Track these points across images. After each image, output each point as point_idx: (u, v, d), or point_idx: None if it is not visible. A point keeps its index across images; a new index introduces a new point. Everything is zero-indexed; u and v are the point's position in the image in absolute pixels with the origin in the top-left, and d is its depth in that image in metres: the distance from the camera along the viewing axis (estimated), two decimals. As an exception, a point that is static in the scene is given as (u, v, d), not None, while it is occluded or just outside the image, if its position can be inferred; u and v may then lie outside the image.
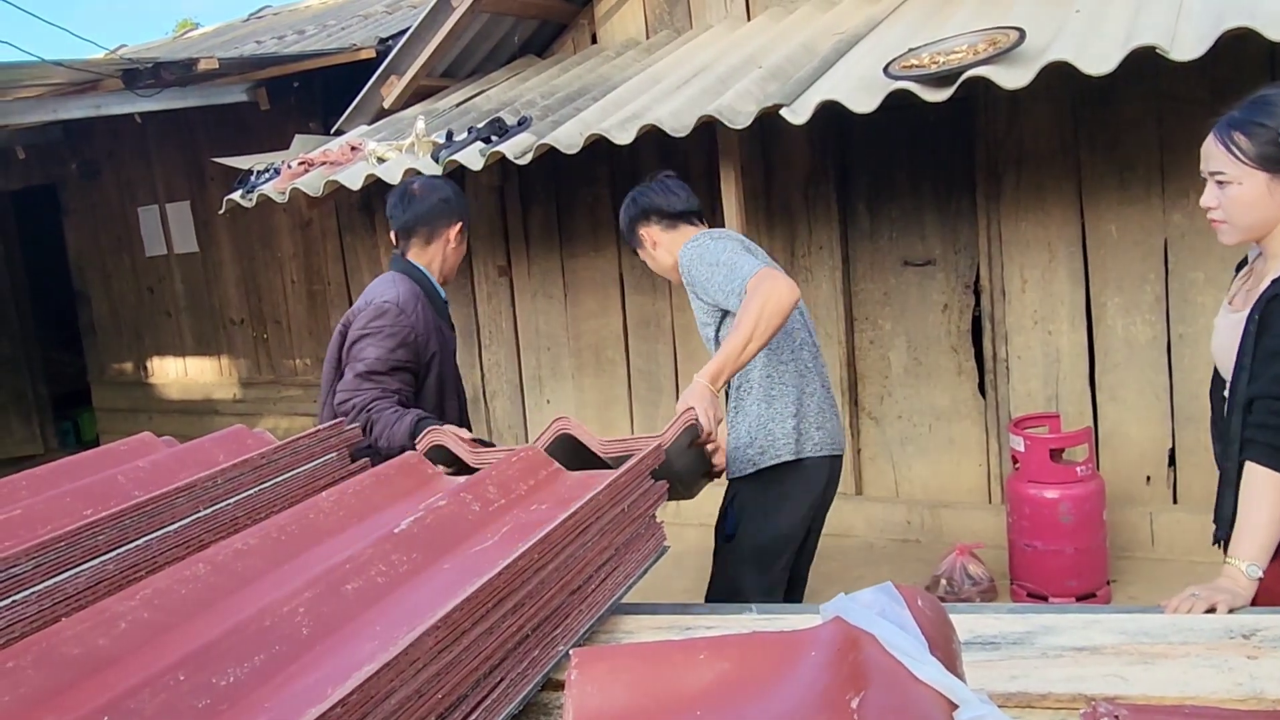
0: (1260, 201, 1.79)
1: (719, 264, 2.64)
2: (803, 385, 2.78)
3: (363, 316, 2.78)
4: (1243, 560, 1.72)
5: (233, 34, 8.74)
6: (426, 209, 2.89)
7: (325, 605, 1.36)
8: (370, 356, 2.72)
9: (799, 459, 2.75)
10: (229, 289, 7.12)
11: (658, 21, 5.17)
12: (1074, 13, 3.27)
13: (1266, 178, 1.78)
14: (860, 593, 1.06)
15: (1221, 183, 1.83)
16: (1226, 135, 1.81)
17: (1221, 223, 1.86)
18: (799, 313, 2.84)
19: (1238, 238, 1.86)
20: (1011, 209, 4.36)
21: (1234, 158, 1.80)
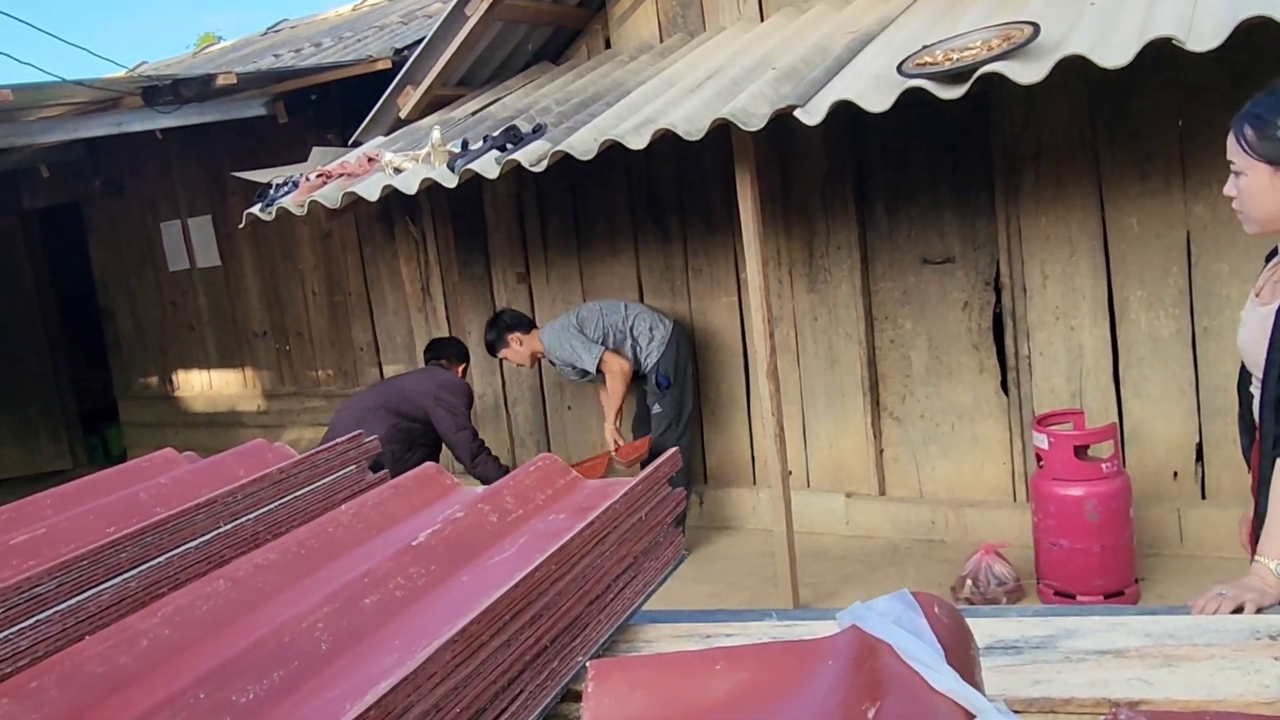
0: (1265, 193, 1.81)
1: (574, 353, 4.91)
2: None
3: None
4: (1272, 559, 1.71)
5: (251, 48, 8.81)
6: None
7: (344, 620, 1.36)
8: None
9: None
10: (251, 301, 7.17)
11: (671, 24, 5.17)
12: (1089, 5, 3.24)
13: (1268, 170, 1.79)
14: (876, 600, 1.05)
15: (1236, 174, 1.86)
16: (1239, 127, 1.84)
17: (1239, 212, 1.88)
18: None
19: (1256, 229, 1.88)
20: (1031, 204, 4.33)
21: (1242, 150, 1.82)
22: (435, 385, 4.69)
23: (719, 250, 5.14)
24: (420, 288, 6.12)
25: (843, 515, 4.97)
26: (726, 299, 5.18)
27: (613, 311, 4.93)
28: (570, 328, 4.84)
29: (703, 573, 4.62)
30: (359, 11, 8.64)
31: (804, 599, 4.27)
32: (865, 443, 4.92)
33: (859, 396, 4.89)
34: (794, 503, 4.31)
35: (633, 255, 5.42)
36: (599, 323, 4.87)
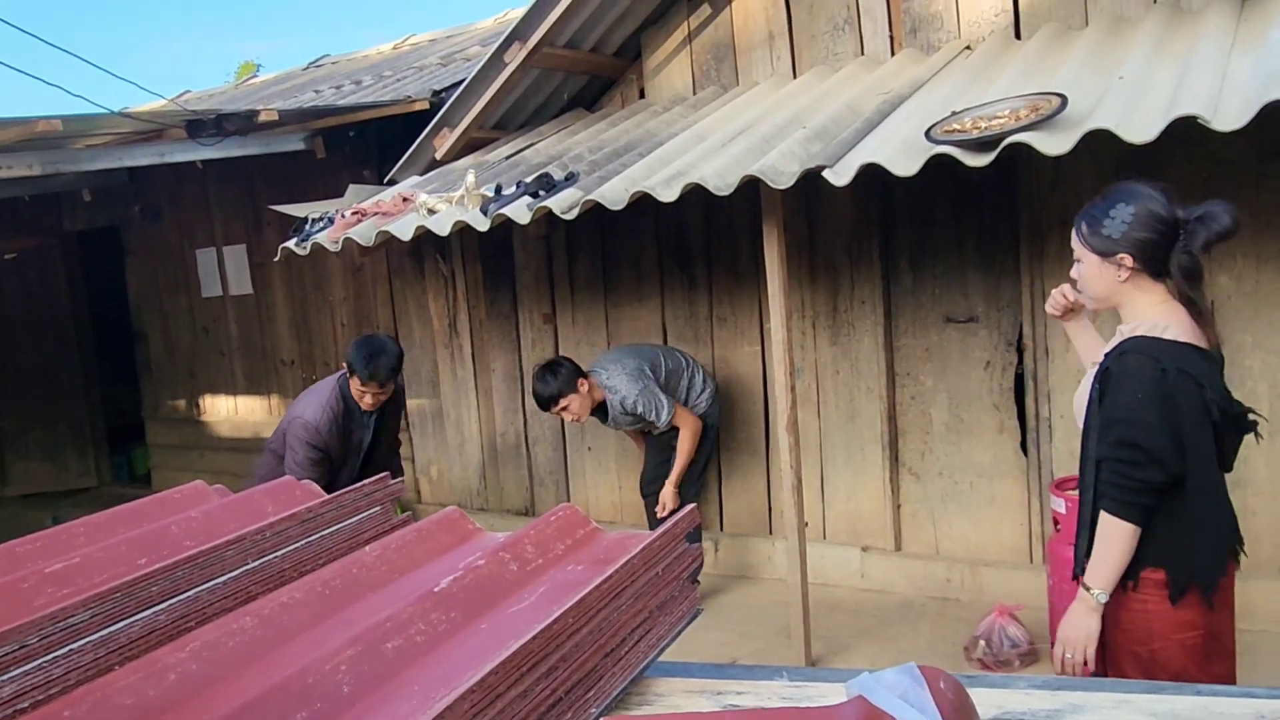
0: (1097, 278, 2.23)
1: (651, 403, 4.68)
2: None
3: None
4: (1095, 588, 2.19)
5: (292, 82, 9.01)
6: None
7: (365, 664, 1.41)
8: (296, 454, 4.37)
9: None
10: (281, 330, 7.28)
11: (704, 77, 5.26)
12: (1118, 79, 3.30)
13: (1098, 260, 2.21)
14: (883, 672, 1.08)
15: (1076, 260, 2.29)
16: (1078, 224, 2.26)
17: (1081, 293, 2.33)
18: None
19: (1094, 305, 2.32)
20: (1056, 268, 4.36)
21: (1080, 240, 2.25)
22: (288, 420, 4.45)
23: (744, 299, 5.20)
24: (448, 324, 6.21)
25: (858, 569, 4.97)
26: (750, 348, 5.22)
27: (671, 358, 4.84)
28: (646, 376, 4.57)
29: (716, 620, 4.63)
30: (399, 50, 8.83)
31: (816, 652, 4.27)
32: (883, 497, 4.93)
33: (878, 451, 4.91)
34: (810, 554, 4.32)
35: (658, 301, 5.48)
36: (664, 370, 4.73)
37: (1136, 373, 2.12)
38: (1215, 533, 2.20)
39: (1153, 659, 2.18)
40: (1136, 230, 2.15)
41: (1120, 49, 3.77)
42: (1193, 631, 2.17)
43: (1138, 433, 2.10)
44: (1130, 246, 2.15)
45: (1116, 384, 2.15)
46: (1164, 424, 2.10)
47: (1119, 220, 2.16)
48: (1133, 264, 2.16)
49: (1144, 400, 2.10)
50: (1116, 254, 2.17)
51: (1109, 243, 2.17)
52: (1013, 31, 4.45)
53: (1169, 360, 2.11)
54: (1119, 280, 2.19)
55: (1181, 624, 2.17)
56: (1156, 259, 2.16)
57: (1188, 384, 2.10)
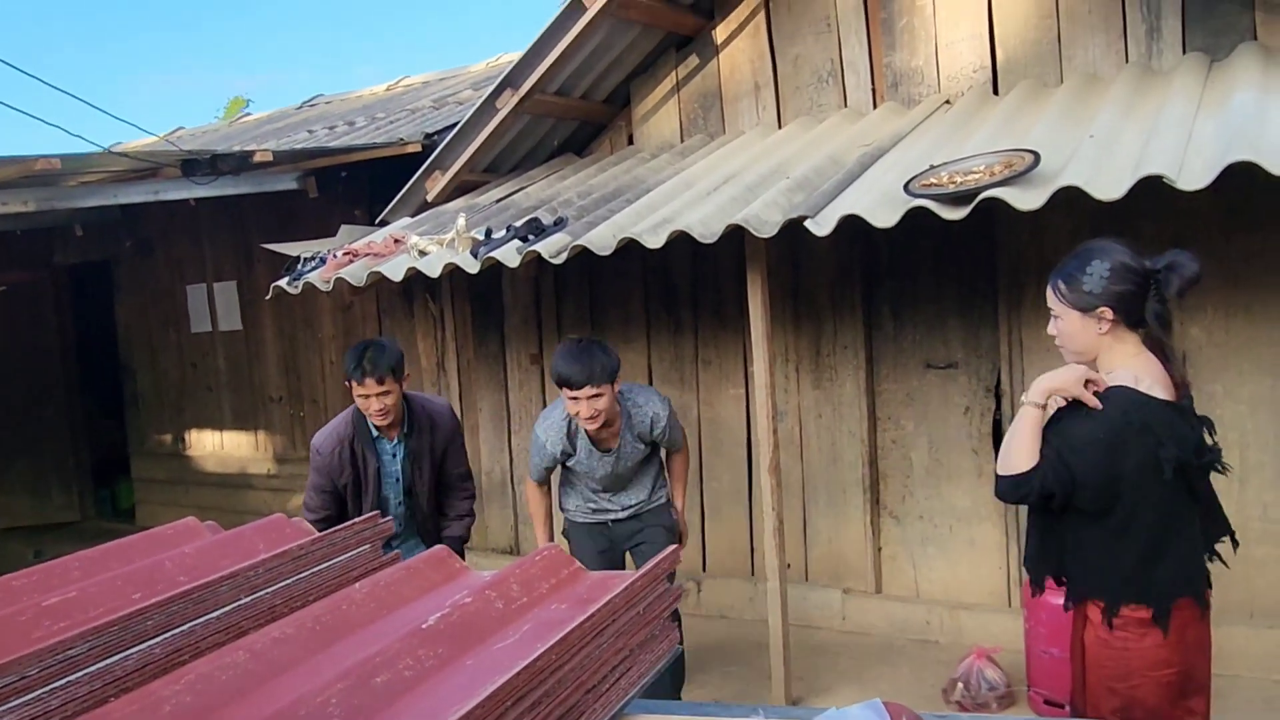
0: (1078, 333, 2.34)
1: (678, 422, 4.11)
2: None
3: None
4: (1030, 401, 2.33)
5: (285, 121, 9.13)
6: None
7: (355, 697, 1.46)
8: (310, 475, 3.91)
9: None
10: (269, 367, 7.33)
11: (691, 125, 5.38)
12: (1088, 137, 3.42)
13: (1079, 315, 2.32)
14: (850, 709, 1.15)
15: (1055, 317, 2.39)
16: (1055, 282, 2.37)
17: (1061, 349, 2.41)
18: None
19: (1074, 360, 2.38)
20: (1032, 317, 4.46)
21: (1058, 299, 2.36)
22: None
23: (729, 343, 5.28)
24: (435, 363, 6.27)
25: (839, 611, 5.01)
26: (734, 391, 5.30)
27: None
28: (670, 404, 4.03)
29: (697, 660, 4.66)
30: (392, 92, 8.96)
31: (797, 693, 4.30)
32: (864, 540, 4.98)
33: (859, 494, 4.97)
34: (791, 596, 4.37)
35: (644, 343, 5.56)
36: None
37: (1100, 416, 2.25)
38: (1170, 564, 2.29)
39: (1131, 695, 2.30)
40: (1114, 284, 2.27)
41: (1092, 107, 3.90)
42: (1168, 669, 2.28)
43: (1075, 459, 2.25)
44: (1110, 299, 2.27)
45: (1079, 418, 2.28)
46: (1104, 463, 2.23)
47: (1096, 276, 2.28)
48: (1113, 316, 2.28)
49: (1092, 442, 2.24)
50: (1097, 308, 2.29)
51: (1089, 298, 2.29)
52: (990, 87, 4.59)
53: (1135, 414, 2.24)
54: (1100, 333, 2.31)
55: (1159, 662, 2.28)
56: (1133, 310, 2.29)
57: (1145, 438, 2.22)
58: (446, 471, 3.94)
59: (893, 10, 4.77)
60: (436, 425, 3.87)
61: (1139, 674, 2.29)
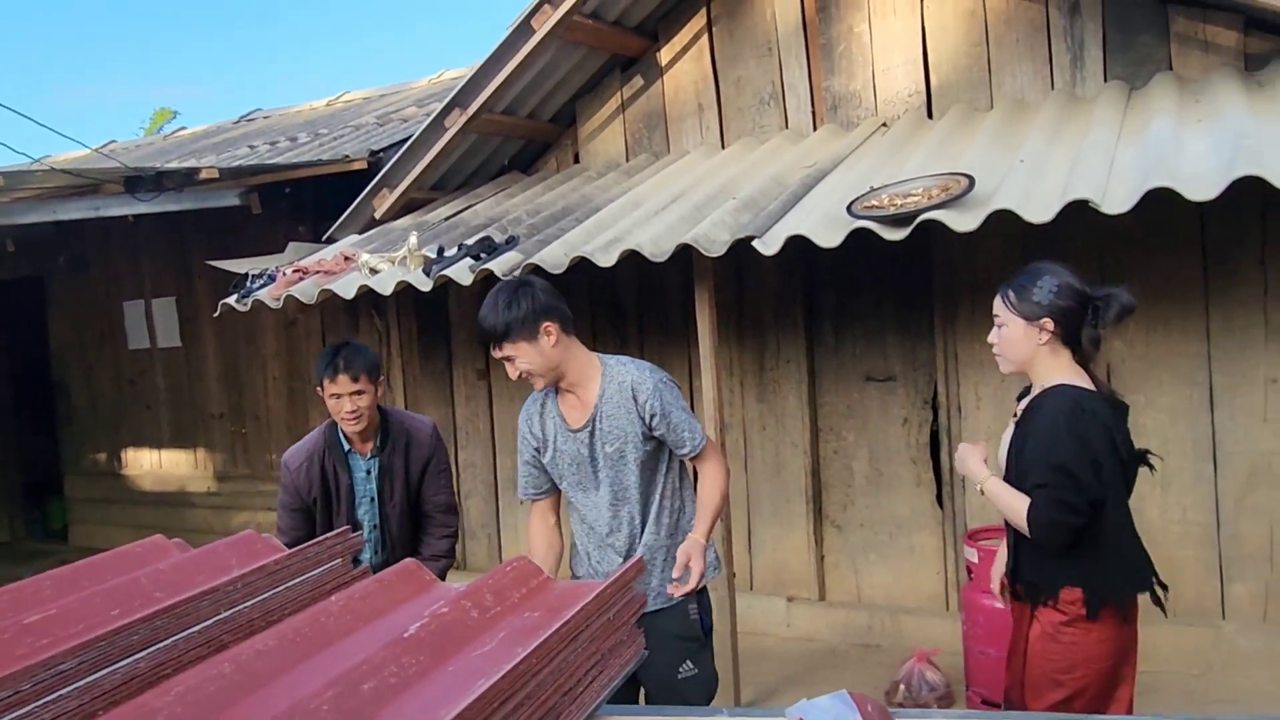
0: (1019, 341, 2.52)
1: (685, 408, 2.89)
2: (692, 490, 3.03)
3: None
4: (987, 483, 2.56)
5: (224, 135, 9.05)
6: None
7: (345, 703, 1.52)
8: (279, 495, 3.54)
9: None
10: (210, 383, 7.27)
11: (637, 144, 5.50)
12: (1019, 162, 3.60)
13: (1024, 324, 2.50)
14: (819, 699, 1.25)
15: (999, 325, 2.56)
16: (1005, 292, 2.56)
17: (998, 355, 2.60)
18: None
19: (1008, 368, 2.60)
20: (967, 331, 4.65)
21: (1007, 307, 2.54)
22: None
23: (675, 357, 5.40)
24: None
25: (784, 618, 5.14)
26: (679, 404, 5.40)
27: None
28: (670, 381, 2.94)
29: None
30: (333, 108, 8.94)
31: (746, 698, 4.41)
32: (807, 548, 5.12)
33: (802, 504, 5.12)
34: (738, 604, 4.48)
35: (591, 358, 5.64)
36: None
37: (1056, 409, 2.44)
38: (1130, 555, 2.53)
39: (1075, 687, 2.48)
40: (1060, 299, 2.47)
41: (1021, 132, 4.10)
42: (1109, 661, 2.50)
43: (1065, 455, 2.40)
44: (1054, 313, 2.47)
45: (1040, 420, 2.46)
46: (1083, 452, 2.41)
47: (1045, 290, 2.47)
48: (1053, 328, 2.48)
49: (1062, 429, 2.42)
50: (1041, 319, 2.47)
51: (1036, 308, 2.47)
52: (925, 111, 4.78)
53: (1086, 402, 2.45)
54: (1039, 343, 2.50)
55: (1103, 654, 2.48)
56: (1071, 327, 2.49)
57: (1098, 424, 2.43)
58: (425, 499, 3.55)
59: (831, 35, 4.95)
60: (414, 442, 3.52)
61: (1083, 665, 2.47)
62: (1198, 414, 4.30)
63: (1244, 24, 4.18)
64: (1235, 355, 4.22)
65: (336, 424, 3.43)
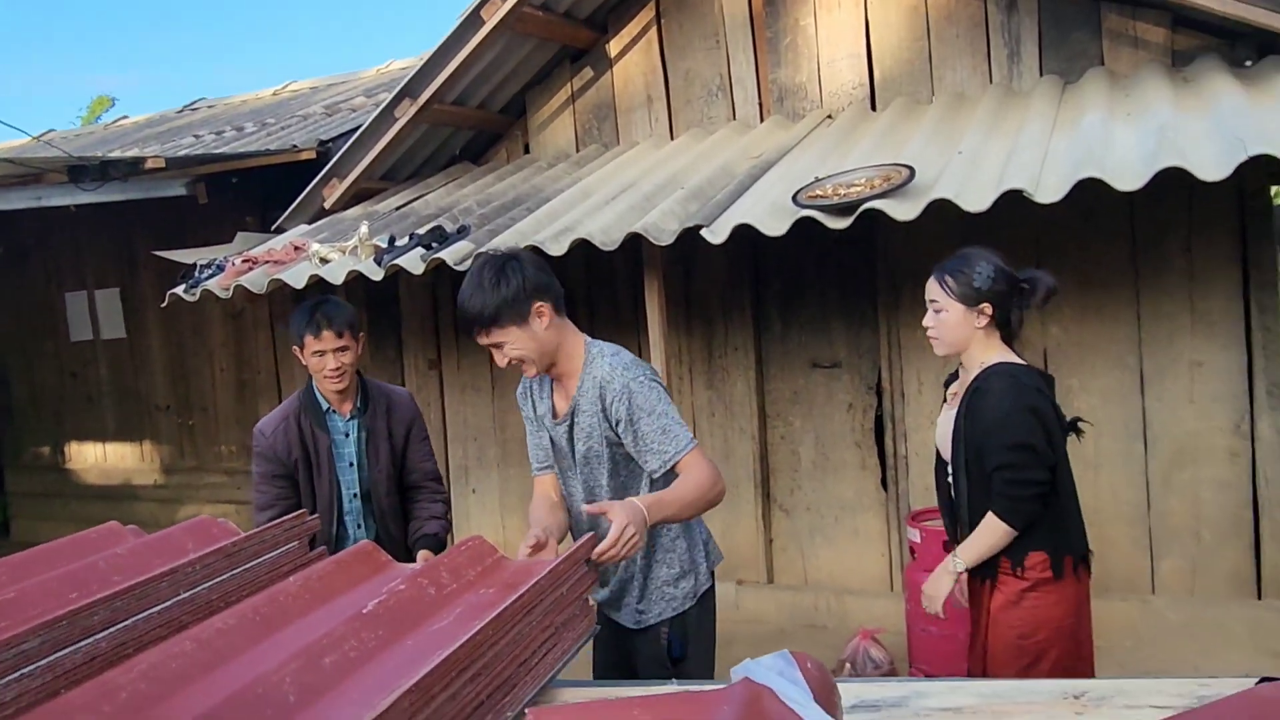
0: (957, 325, 2.58)
1: (665, 414, 2.47)
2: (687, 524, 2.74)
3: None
4: (960, 559, 2.62)
5: (168, 125, 8.93)
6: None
7: (308, 676, 1.57)
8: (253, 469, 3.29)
9: (711, 577, 2.82)
10: (156, 375, 7.19)
11: (587, 135, 5.55)
12: (957, 153, 3.72)
13: (963, 309, 2.56)
14: (763, 658, 1.33)
15: (936, 310, 2.61)
16: (941, 276, 2.61)
17: (935, 339, 2.65)
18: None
19: (945, 351, 2.66)
20: (909, 318, 4.77)
21: (945, 292, 2.59)
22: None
23: (625, 345, 5.36)
24: (331, 369, 6.26)
25: (734, 601, 5.24)
26: (630, 392, 5.47)
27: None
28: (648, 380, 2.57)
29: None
30: (280, 97, 8.86)
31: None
32: (756, 532, 5.23)
33: (751, 489, 5.22)
34: (688, 588, 4.55)
35: (542, 347, 5.69)
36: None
37: (1003, 386, 2.53)
38: (1078, 517, 2.65)
39: (1039, 650, 2.57)
40: (998, 284, 2.56)
41: (960, 124, 4.22)
42: (1071, 619, 2.60)
43: (1020, 433, 2.49)
44: (993, 297, 2.55)
45: (987, 399, 2.54)
46: (1036, 425, 2.51)
47: (984, 275, 2.54)
48: (991, 312, 2.56)
49: (1014, 406, 2.51)
50: (980, 303, 2.55)
51: (976, 294, 2.55)
52: (869, 103, 4.89)
53: (1025, 377, 2.56)
54: (977, 327, 2.58)
55: (1065, 613, 2.58)
56: (1005, 309, 2.60)
57: (1041, 396, 2.55)
58: (412, 467, 3.35)
59: (777, 29, 5.03)
60: (395, 406, 3.34)
61: (1045, 626, 2.56)
62: (1128, 397, 4.46)
63: (1172, 21, 4.34)
64: (1163, 340, 4.39)
65: (312, 387, 3.26)
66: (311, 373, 3.21)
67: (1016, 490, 2.50)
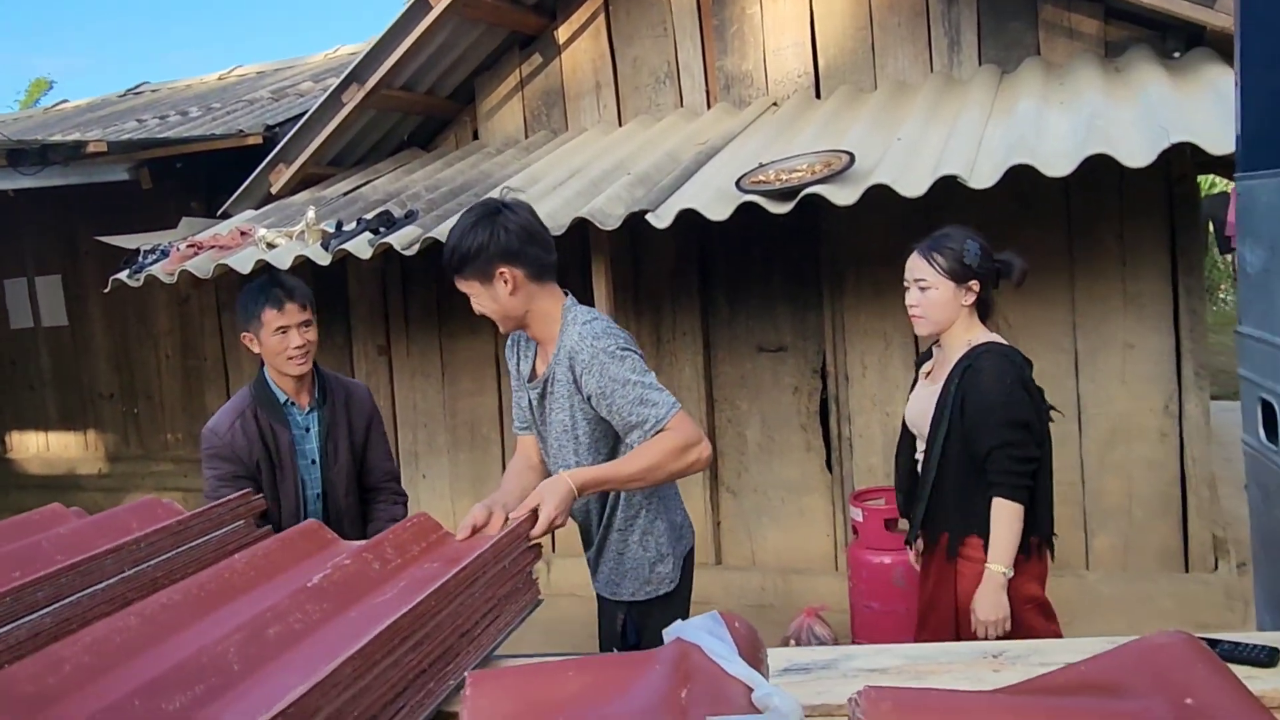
0: (946, 303, 2.54)
1: (641, 383, 2.33)
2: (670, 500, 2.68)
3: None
4: (1000, 565, 2.51)
5: (110, 109, 8.78)
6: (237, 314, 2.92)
7: (252, 647, 1.60)
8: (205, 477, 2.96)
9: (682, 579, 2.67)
10: (99, 363, 7.09)
11: (535, 121, 5.57)
12: (896, 140, 3.80)
13: (953, 286, 2.53)
14: (694, 618, 1.38)
15: (923, 288, 2.55)
16: (928, 253, 2.55)
17: (920, 318, 2.59)
18: None
19: (929, 330, 2.61)
20: (853, 302, 4.87)
21: (934, 269, 2.53)
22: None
23: (574, 331, 5.49)
24: (280, 356, 6.23)
25: (682, 583, 5.31)
26: (580, 377, 5.52)
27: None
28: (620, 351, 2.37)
29: (548, 637, 4.83)
30: (226, 81, 8.75)
31: (644, 660, 4.56)
32: (704, 514, 5.30)
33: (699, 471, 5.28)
34: (637, 569, 4.61)
35: (491, 332, 5.71)
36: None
37: (999, 365, 2.51)
38: (1049, 498, 2.65)
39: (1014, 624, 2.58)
40: (986, 262, 2.54)
41: (901, 112, 4.31)
42: (1040, 596, 2.65)
43: (1020, 411, 2.48)
44: (982, 275, 2.55)
45: (982, 378, 2.50)
46: (1031, 403, 2.51)
47: (973, 252, 2.52)
48: (978, 289, 2.55)
49: (1011, 384, 2.49)
50: (969, 281, 2.53)
51: (967, 271, 2.52)
52: (814, 91, 4.97)
53: (1016, 357, 2.56)
54: (963, 304, 2.55)
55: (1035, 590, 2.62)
56: (987, 287, 2.58)
57: (1029, 375, 2.55)
58: (372, 467, 3.14)
59: (724, 17, 5.09)
60: (353, 398, 3.10)
61: (1018, 604, 2.57)
62: (1065, 378, 4.59)
63: (1104, 13, 4.47)
64: (1097, 322, 4.52)
65: (264, 379, 2.97)
66: (269, 356, 2.90)
67: (1019, 467, 2.48)
